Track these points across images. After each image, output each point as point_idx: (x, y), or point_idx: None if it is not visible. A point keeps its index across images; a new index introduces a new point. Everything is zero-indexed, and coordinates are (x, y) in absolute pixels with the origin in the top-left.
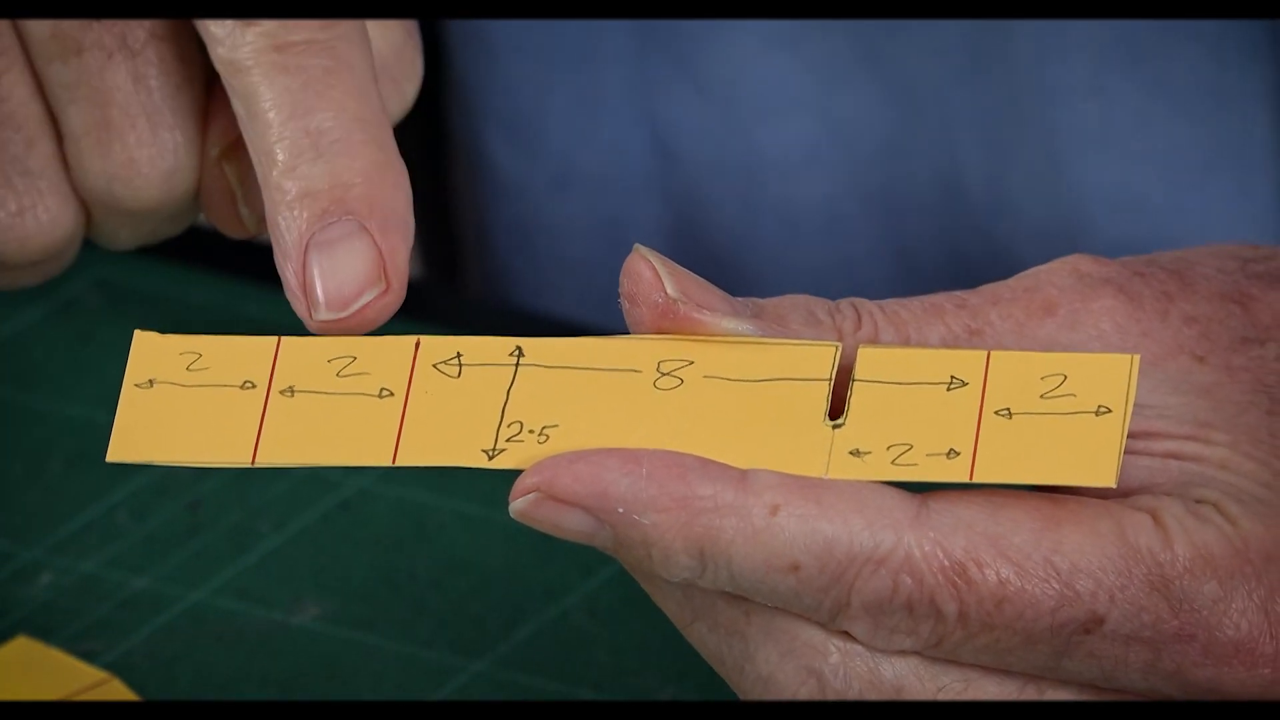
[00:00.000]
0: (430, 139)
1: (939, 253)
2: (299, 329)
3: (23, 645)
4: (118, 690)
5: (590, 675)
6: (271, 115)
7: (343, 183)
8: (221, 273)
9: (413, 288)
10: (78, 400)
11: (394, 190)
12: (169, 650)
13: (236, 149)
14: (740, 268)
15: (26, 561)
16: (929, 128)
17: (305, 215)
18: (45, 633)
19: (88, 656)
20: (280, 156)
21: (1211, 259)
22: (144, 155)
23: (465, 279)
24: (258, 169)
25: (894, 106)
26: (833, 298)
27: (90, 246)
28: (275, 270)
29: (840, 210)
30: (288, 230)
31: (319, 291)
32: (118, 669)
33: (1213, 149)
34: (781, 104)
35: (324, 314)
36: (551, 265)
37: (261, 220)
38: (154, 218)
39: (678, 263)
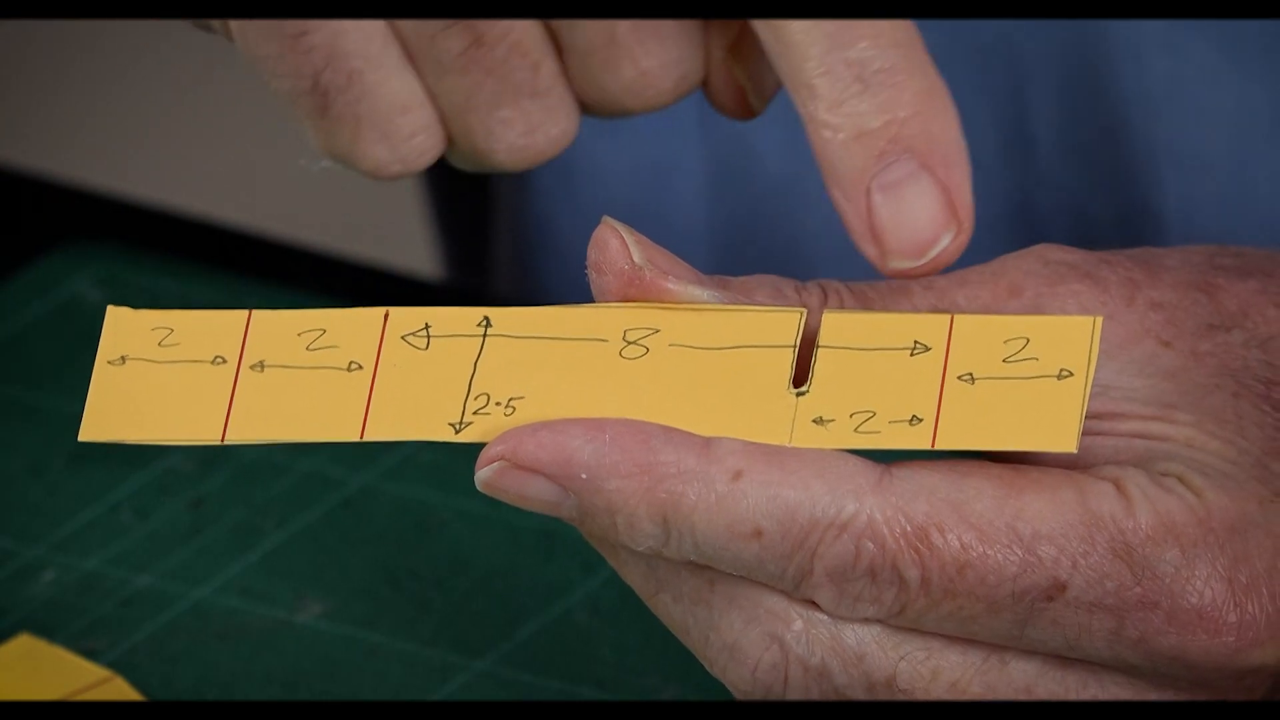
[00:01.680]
0: None
1: (1004, 204)
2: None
3: (25, 643)
4: (120, 689)
5: (593, 674)
6: (807, 46)
7: (896, 118)
8: (223, 270)
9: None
10: (79, 398)
11: (945, 118)
12: (171, 648)
13: (740, 47)
14: (786, 217)
15: (29, 559)
16: (995, 77)
17: (861, 156)
18: (48, 631)
19: (90, 655)
20: (823, 90)
21: (1178, 253)
22: (654, 66)
23: (497, 226)
24: (796, 99)
25: (957, 56)
26: None
27: (89, 245)
28: (277, 268)
29: None
30: (845, 172)
31: (890, 239)
32: (120, 667)
33: None
34: None
35: (899, 262)
36: (594, 211)
37: (765, 101)
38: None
39: (721, 211)
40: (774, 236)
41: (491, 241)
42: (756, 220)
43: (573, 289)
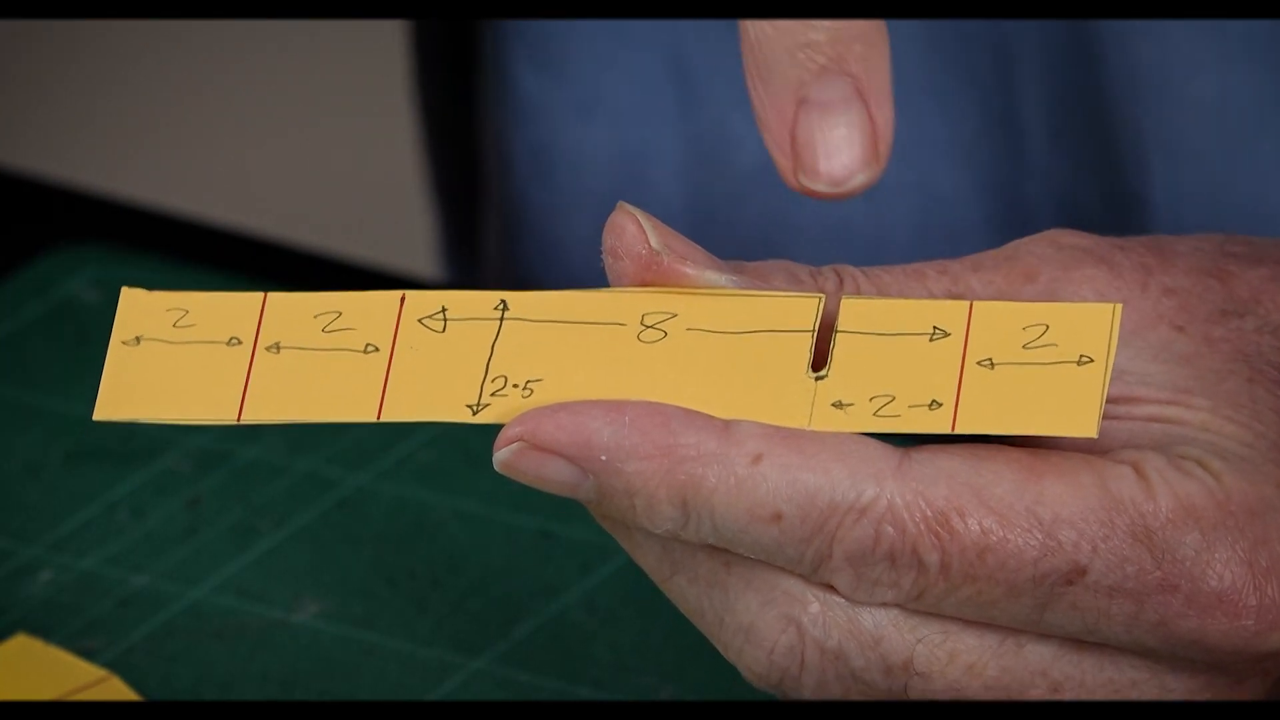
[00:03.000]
0: (460, 61)
1: (992, 191)
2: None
3: (22, 643)
4: (117, 688)
5: (590, 673)
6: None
7: (843, 39)
8: (219, 271)
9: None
10: (77, 398)
11: (884, 59)
12: (168, 648)
13: None
14: (762, 205)
15: (26, 559)
16: (983, 64)
17: (802, 65)
18: (45, 630)
19: (87, 654)
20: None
21: (1190, 240)
22: None
23: (484, 209)
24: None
25: (944, 44)
26: (857, 236)
27: (85, 246)
28: (274, 269)
29: None
30: (781, 77)
31: (811, 159)
32: (117, 667)
33: (1271, 100)
34: None
35: (813, 184)
36: (570, 194)
37: None
38: None
39: (698, 197)
40: (751, 224)
41: (480, 224)
42: (734, 207)
43: (547, 271)
